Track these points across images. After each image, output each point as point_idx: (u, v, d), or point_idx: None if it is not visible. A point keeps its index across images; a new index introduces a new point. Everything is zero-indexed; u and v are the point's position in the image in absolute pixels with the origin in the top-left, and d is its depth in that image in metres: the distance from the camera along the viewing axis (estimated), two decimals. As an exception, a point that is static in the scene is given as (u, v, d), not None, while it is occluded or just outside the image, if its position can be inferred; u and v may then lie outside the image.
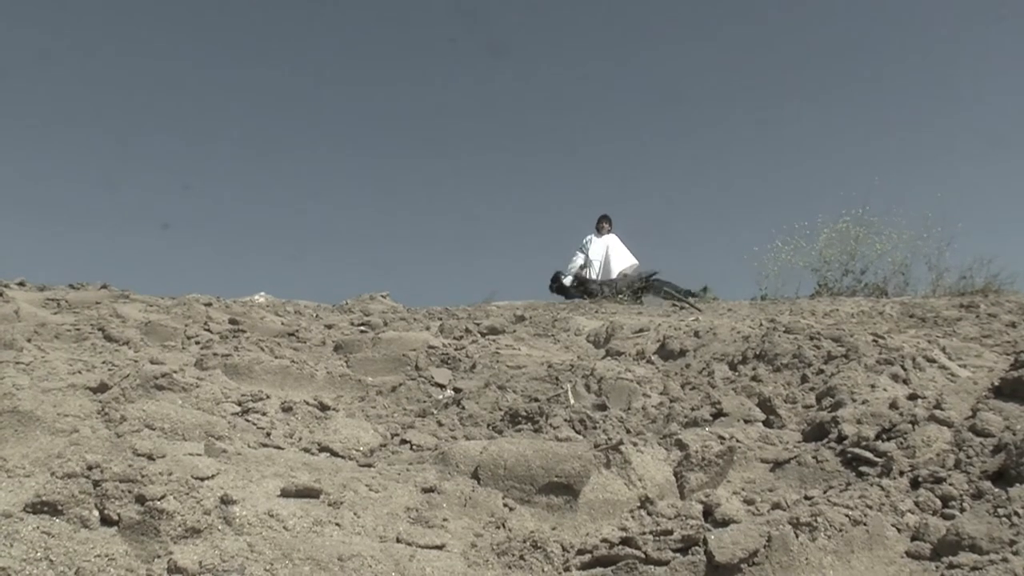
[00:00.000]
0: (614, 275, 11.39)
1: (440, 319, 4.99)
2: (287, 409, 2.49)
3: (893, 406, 2.44)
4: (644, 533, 1.63)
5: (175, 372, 2.48)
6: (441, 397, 2.99)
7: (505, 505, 1.87)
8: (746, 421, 2.65)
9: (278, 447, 2.15)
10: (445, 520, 1.77)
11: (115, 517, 1.54)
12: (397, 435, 2.45)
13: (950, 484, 1.90)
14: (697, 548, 1.55)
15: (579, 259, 11.62)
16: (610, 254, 11.45)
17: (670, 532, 1.60)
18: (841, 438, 2.29)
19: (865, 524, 1.70)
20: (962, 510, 1.80)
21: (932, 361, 3.14)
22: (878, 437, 2.25)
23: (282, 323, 4.39)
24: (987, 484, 1.84)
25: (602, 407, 2.74)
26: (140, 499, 1.55)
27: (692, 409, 2.76)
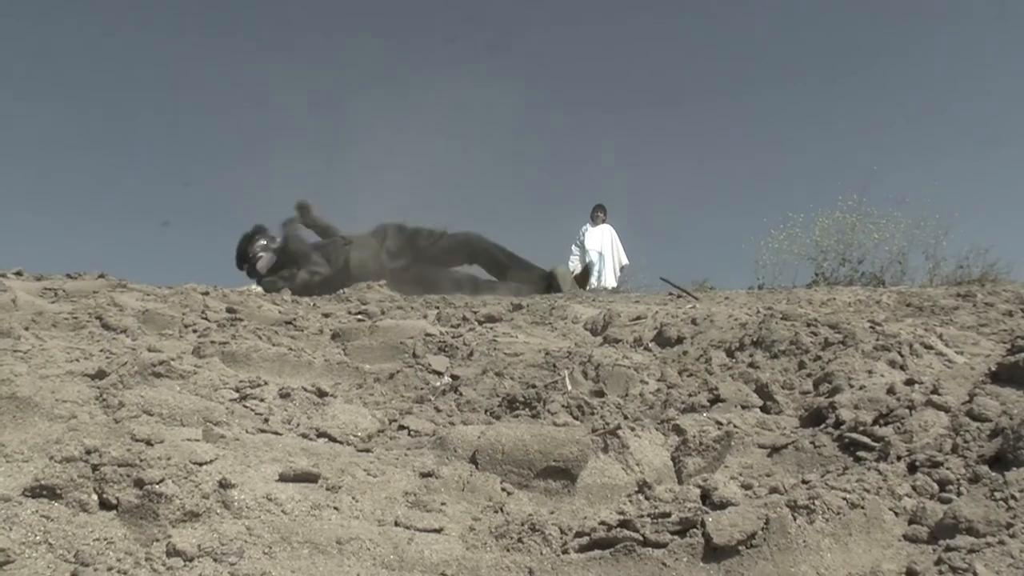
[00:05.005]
0: (613, 266, 11.38)
1: (437, 307, 4.99)
2: (285, 395, 2.49)
3: (890, 391, 2.44)
4: (642, 516, 1.63)
5: (173, 359, 2.47)
6: (439, 384, 3.00)
7: (503, 489, 1.87)
8: (743, 407, 2.65)
9: (276, 432, 2.15)
10: (443, 504, 1.78)
11: (114, 501, 1.54)
12: (395, 421, 2.45)
13: (947, 468, 1.90)
14: (695, 530, 1.55)
15: (576, 253, 11.60)
16: (608, 245, 11.44)
17: (668, 515, 1.61)
18: (838, 423, 2.30)
19: (863, 507, 1.71)
20: (959, 494, 1.80)
21: (929, 348, 3.15)
22: (875, 422, 2.25)
23: (279, 312, 4.39)
24: (984, 468, 1.85)
25: (599, 393, 2.74)
26: (139, 483, 1.55)
27: (689, 395, 2.77)
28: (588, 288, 8.04)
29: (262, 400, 2.43)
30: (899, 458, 2.01)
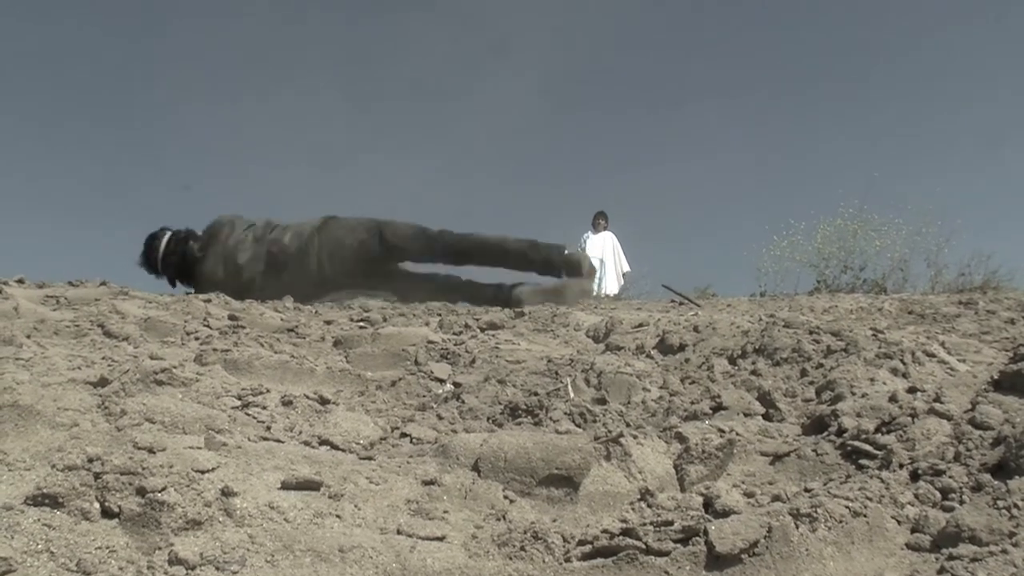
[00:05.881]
0: (615, 273, 11.39)
1: (439, 315, 4.99)
2: (287, 403, 2.49)
3: (893, 399, 2.44)
4: (645, 524, 1.63)
5: (175, 367, 2.47)
6: (441, 391, 2.99)
7: (505, 497, 1.87)
8: (746, 415, 2.65)
9: (278, 440, 2.15)
10: (446, 512, 1.78)
11: (116, 509, 1.54)
12: (397, 428, 2.45)
13: (950, 476, 1.90)
14: (698, 539, 1.55)
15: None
16: (609, 252, 11.44)
17: (671, 523, 1.60)
18: (841, 431, 2.30)
19: (865, 516, 1.71)
20: (962, 502, 1.80)
21: (931, 355, 3.15)
22: (878, 430, 2.25)
23: (281, 319, 4.39)
24: (986, 476, 1.84)
25: (602, 401, 2.74)
26: (141, 491, 1.55)
27: (692, 403, 2.76)
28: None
29: (264, 408, 2.43)
30: (901, 466, 2.01)
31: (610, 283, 11.11)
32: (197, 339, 3.54)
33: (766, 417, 2.68)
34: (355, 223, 6.43)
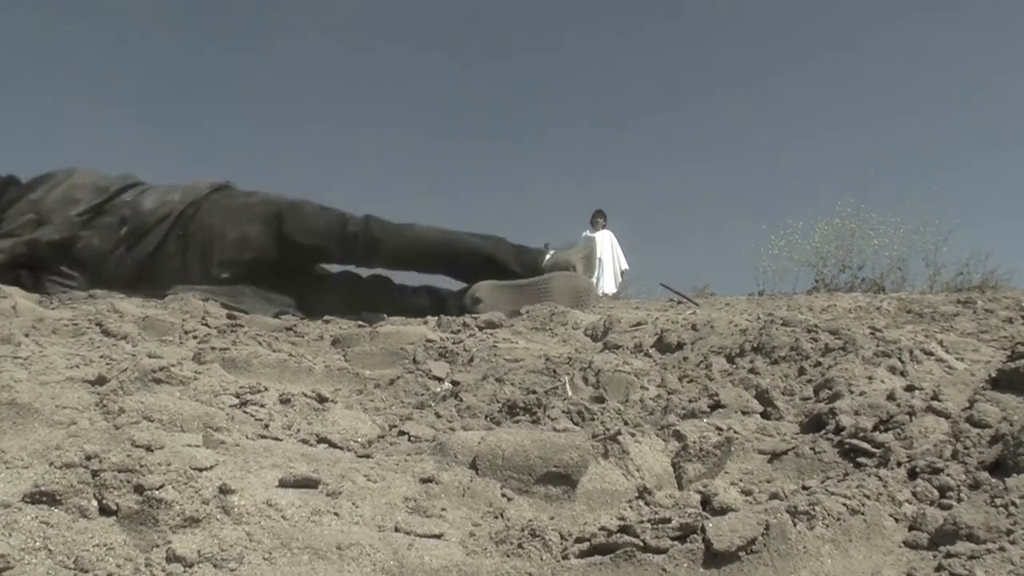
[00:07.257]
0: (613, 272, 11.40)
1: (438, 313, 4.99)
2: (285, 401, 2.49)
3: (891, 398, 2.44)
4: (642, 522, 1.63)
5: (173, 366, 2.47)
6: (439, 390, 2.99)
7: (503, 495, 1.87)
8: (744, 413, 2.65)
9: (276, 438, 2.15)
10: (443, 510, 1.78)
11: (114, 507, 1.54)
12: (395, 427, 2.45)
13: (947, 474, 1.90)
14: (695, 536, 1.55)
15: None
16: (607, 251, 11.46)
17: (668, 521, 1.60)
18: (839, 429, 2.30)
19: (863, 514, 1.71)
20: (959, 500, 1.80)
21: (929, 354, 3.15)
22: (876, 428, 2.25)
23: (280, 318, 4.39)
24: (984, 474, 1.84)
25: (600, 399, 2.74)
26: (139, 489, 1.55)
27: (690, 401, 2.76)
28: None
29: (262, 406, 2.42)
30: (899, 464, 2.01)
31: (608, 282, 11.13)
32: (195, 338, 3.54)
33: (764, 415, 2.68)
34: (244, 206, 4.65)
